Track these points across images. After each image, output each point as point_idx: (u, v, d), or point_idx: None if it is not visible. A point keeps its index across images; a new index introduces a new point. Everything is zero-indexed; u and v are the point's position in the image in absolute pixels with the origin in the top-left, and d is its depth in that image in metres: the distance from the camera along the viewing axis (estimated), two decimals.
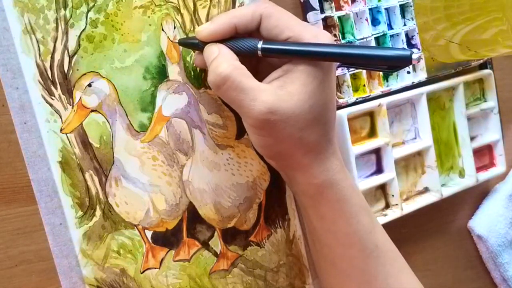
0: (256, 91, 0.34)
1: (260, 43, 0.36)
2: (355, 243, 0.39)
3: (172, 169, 0.40)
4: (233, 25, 0.36)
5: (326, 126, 0.38)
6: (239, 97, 0.35)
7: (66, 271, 0.37)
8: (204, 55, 0.37)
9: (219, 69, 0.34)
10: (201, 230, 0.42)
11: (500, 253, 0.56)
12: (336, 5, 0.46)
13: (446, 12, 0.48)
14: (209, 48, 0.36)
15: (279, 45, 0.36)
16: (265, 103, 0.34)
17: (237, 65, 0.35)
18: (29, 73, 0.36)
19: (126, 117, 0.38)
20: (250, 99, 0.34)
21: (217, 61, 0.35)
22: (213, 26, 0.36)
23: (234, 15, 0.36)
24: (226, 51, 0.36)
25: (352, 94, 0.46)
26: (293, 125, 0.35)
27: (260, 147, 0.39)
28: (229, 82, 0.34)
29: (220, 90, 0.35)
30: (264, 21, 0.36)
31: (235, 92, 0.35)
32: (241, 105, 0.35)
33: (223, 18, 0.36)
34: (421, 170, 0.52)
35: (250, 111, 0.35)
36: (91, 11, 0.37)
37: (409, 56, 0.33)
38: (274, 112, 0.34)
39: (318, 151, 0.37)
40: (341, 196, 0.38)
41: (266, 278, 0.44)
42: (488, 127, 0.56)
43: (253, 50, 0.36)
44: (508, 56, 0.56)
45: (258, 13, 0.36)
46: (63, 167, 0.37)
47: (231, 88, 0.34)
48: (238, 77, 0.34)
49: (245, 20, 0.36)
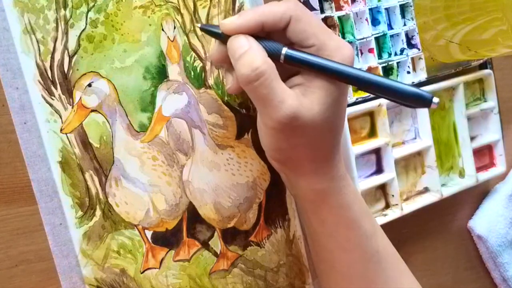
0: (285, 93, 0.34)
1: (284, 49, 0.35)
2: (356, 248, 0.39)
3: (172, 169, 0.40)
4: (260, 23, 0.34)
5: (338, 136, 0.38)
6: (269, 96, 0.33)
7: (66, 271, 0.37)
8: (230, 46, 0.35)
9: (254, 63, 0.33)
10: (201, 230, 0.42)
11: (500, 253, 0.56)
12: (336, 5, 0.46)
13: (446, 12, 0.48)
14: (238, 40, 0.34)
15: (304, 56, 0.35)
16: (291, 107, 0.33)
17: (271, 62, 0.34)
18: (29, 73, 0.36)
19: (126, 117, 0.38)
20: (278, 100, 0.33)
21: (251, 55, 0.34)
22: (241, 20, 0.35)
23: (263, 12, 0.35)
24: (258, 45, 0.34)
25: (352, 94, 0.46)
26: (309, 134, 0.35)
27: (272, 149, 0.38)
28: (263, 78, 0.33)
29: (251, 86, 0.34)
30: (292, 24, 0.35)
31: (266, 90, 0.33)
32: (269, 104, 0.34)
33: (252, 14, 0.35)
34: (421, 170, 0.52)
35: (275, 113, 0.34)
36: (91, 11, 0.37)
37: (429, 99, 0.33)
38: (297, 118, 0.34)
39: (326, 159, 0.37)
40: (343, 202, 0.38)
41: (266, 278, 0.44)
42: (488, 127, 0.56)
43: (276, 55, 0.35)
44: (508, 56, 0.56)
45: (289, 15, 0.35)
46: (63, 167, 0.37)
47: (263, 85, 0.33)
48: (272, 75, 0.33)
49: (274, 19, 0.34)
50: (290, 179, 0.40)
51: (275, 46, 0.35)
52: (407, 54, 0.49)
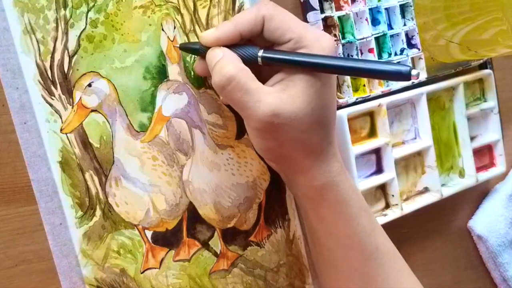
0: (260, 93, 0.34)
1: (260, 51, 0.36)
2: (355, 244, 0.39)
3: (172, 169, 0.40)
4: (237, 32, 0.36)
5: (327, 128, 0.38)
6: (244, 99, 0.34)
7: (66, 271, 0.37)
8: (208, 58, 0.36)
9: (224, 70, 0.34)
10: (201, 230, 0.42)
11: (500, 253, 0.56)
12: (336, 5, 0.45)
13: (446, 12, 0.48)
14: (213, 51, 0.36)
15: (279, 55, 0.36)
16: (269, 105, 0.34)
17: (242, 66, 0.35)
18: (29, 73, 0.36)
19: (126, 117, 0.38)
20: (254, 101, 0.34)
21: (222, 62, 0.35)
22: (218, 32, 0.36)
23: (238, 21, 0.36)
24: (231, 53, 0.36)
25: (352, 94, 0.46)
26: (295, 128, 0.35)
27: (262, 150, 0.39)
28: (234, 82, 0.34)
29: (225, 91, 0.35)
30: (266, 23, 0.36)
31: (240, 93, 0.34)
32: (246, 106, 0.35)
33: (228, 25, 0.36)
34: (421, 170, 0.52)
35: (254, 113, 0.34)
36: (91, 11, 0.37)
37: (407, 72, 0.33)
38: (278, 115, 0.34)
39: (319, 153, 0.37)
40: (341, 198, 0.38)
41: (266, 278, 0.44)
42: (488, 127, 0.56)
43: (254, 58, 0.36)
44: (508, 56, 0.56)
45: (261, 16, 0.36)
46: (63, 167, 0.37)
47: (236, 89, 0.34)
48: (243, 78, 0.34)
49: (249, 25, 0.36)
50: (288, 177, 0.40)
51: (251, 50, 0.36)
52: (407, 54, 0.49)
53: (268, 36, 0.36)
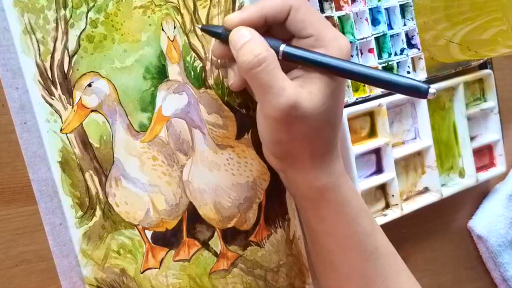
0: (286, 81, 0.34)
1: (282, 46, 0.36)
2: (355, 245, 0.39)
3: (172, 169, 0.40)
4: (263, 16, 0.36)
5: (335, 130, 0.38)
6: (270, 83, 0.34)
7: (66, 271, 0.37)
8: (233, 37, 0.35)
9: (256, 50, 0.34)
10: (201, 230, 0.42)
11: (500, 253, 0.56)
12: (336, 5, 0.46)
13: (446, 12, 0.48)
14: (240, 31, 0.35)
15: (301, 53, 0.35)
16: (292, 95, 0.34)
17: (273, 52, 0.35)
18: (29, 73, 0.36)
19: (126, 117, 0.38)
20: (279, 87, 0.34)
21: (253, 43, 0.34)
22: (244, 14, 0.36)
23: (264, 6, 0.36)
24: (259, 36, 0.35)
25: (352, 94, 0.46)
26: (309, 125, 0.35)
27: (271, 142, 0.38)
28: (265, 64, 0.34)
29: (252, 72, 0.34)
30: (292, 13, 0.36)
31: (268, 77, 0.34)
32: (270, 92, 0.34)
33: (254, 8, 0.36)
34: (421, 170, 0.52)
35: (275, 100, 0.34)
36: (91, 11, 0.37)
37: (425, 90, 0.33)
38: (297, 108, 0.34)
39: (324, 153, 0.38)
40: (342, 198, 0.38)
41: (266, 278, 0.44)
42: (488, 127, 0.56)
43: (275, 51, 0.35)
44: (508, 56, 0.56)
45: (288, 5, 0.36)
46: (63, 167, 0.37)
47: (265, 71, 0.34)
48: (274, 62, 0.34)
49: (275, 11, 0.36)
50: (289, 177, 0.40)
51: (273, 42, 0.36)
52: (407, 54, 0.49)
53: (290, 26, 0.36)
